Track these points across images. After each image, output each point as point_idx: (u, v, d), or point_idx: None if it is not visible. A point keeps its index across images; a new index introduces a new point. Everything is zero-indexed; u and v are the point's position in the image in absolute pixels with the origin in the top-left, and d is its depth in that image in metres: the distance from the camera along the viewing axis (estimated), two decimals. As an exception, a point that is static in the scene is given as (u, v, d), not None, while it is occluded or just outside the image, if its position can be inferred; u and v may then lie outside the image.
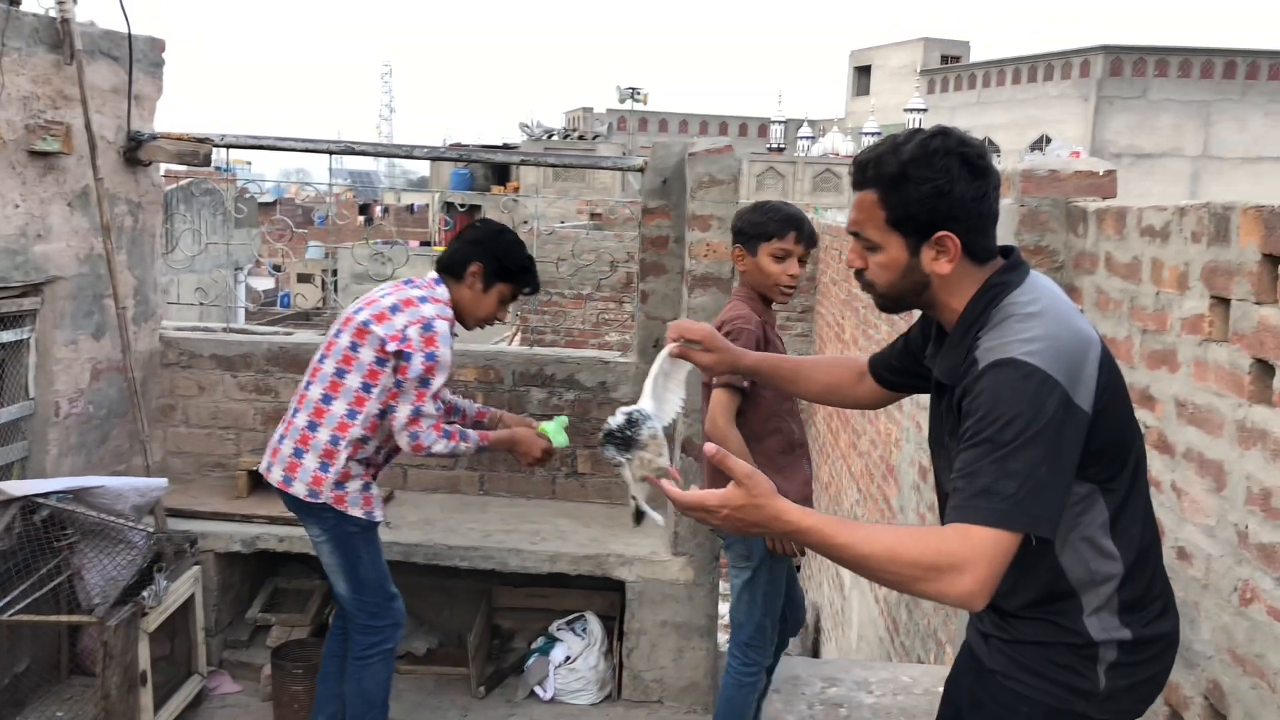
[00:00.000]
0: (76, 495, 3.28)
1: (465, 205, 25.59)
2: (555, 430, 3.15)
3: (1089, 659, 1.70)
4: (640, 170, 4.21)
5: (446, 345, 2.88)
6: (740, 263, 3.15)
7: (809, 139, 38.43)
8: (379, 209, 40.38)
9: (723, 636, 3.82)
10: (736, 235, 3.16)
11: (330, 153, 4.45)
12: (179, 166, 4.77)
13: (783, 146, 37.83)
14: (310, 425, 2.93)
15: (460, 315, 3.04)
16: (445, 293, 2.99)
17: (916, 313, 1.96)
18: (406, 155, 4.61)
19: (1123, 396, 1.72)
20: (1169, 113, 33.95)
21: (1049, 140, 31.26)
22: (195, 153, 4.10)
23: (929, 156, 1.67)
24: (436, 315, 2.89)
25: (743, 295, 3.16)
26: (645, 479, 1.88)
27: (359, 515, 2.95)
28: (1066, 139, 28.72)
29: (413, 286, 2.99)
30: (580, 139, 34.07)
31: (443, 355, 2.87)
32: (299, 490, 2.92)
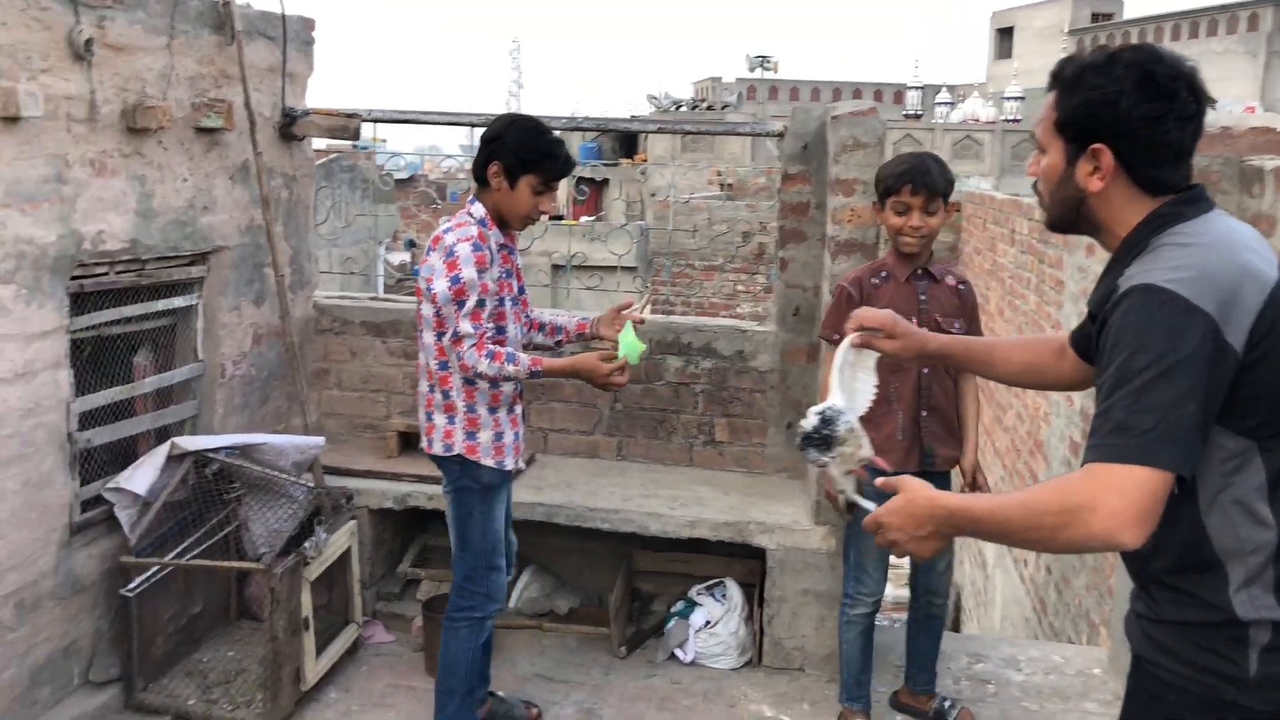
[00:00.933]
0: (243, 451, 3.48)
1: (598, 178, 25.68)
2: (627, 344, 3.00)
3: (1237, 641, 1.56)
4: (780, 135, 4.15)
5: (470, 265, 2.81)
6: (880, 220, 3.22)
7: (948, 104, 37.17)
8: (511, 183, 41.01)
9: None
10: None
11: (471, 125, 4.54)
12: (319, 144, 4.94)
13: (920, 113, 36.73)
14: (429, 388, 3.01)
15: (501, 220, 2.98)
16: (478, 209, 2.94)
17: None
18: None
19: None
20: (1346, 67, 31.51)
21: (1215, 101, 29.44)
22: (345, 127, 4.25)
23: (1109, 64, 1.63)
24: (456, 240, 2.84)
25: (888, 252, 3.28)
26: (851, 472, 1.91)
27: (490, 464, 2.98)
28: (1235, 98, 26.98)
29: (446, 221, 3.00)
30: (709, 109, 33.82)
31: (467, 276, 2.80)
32: (437, 449, 3.00)
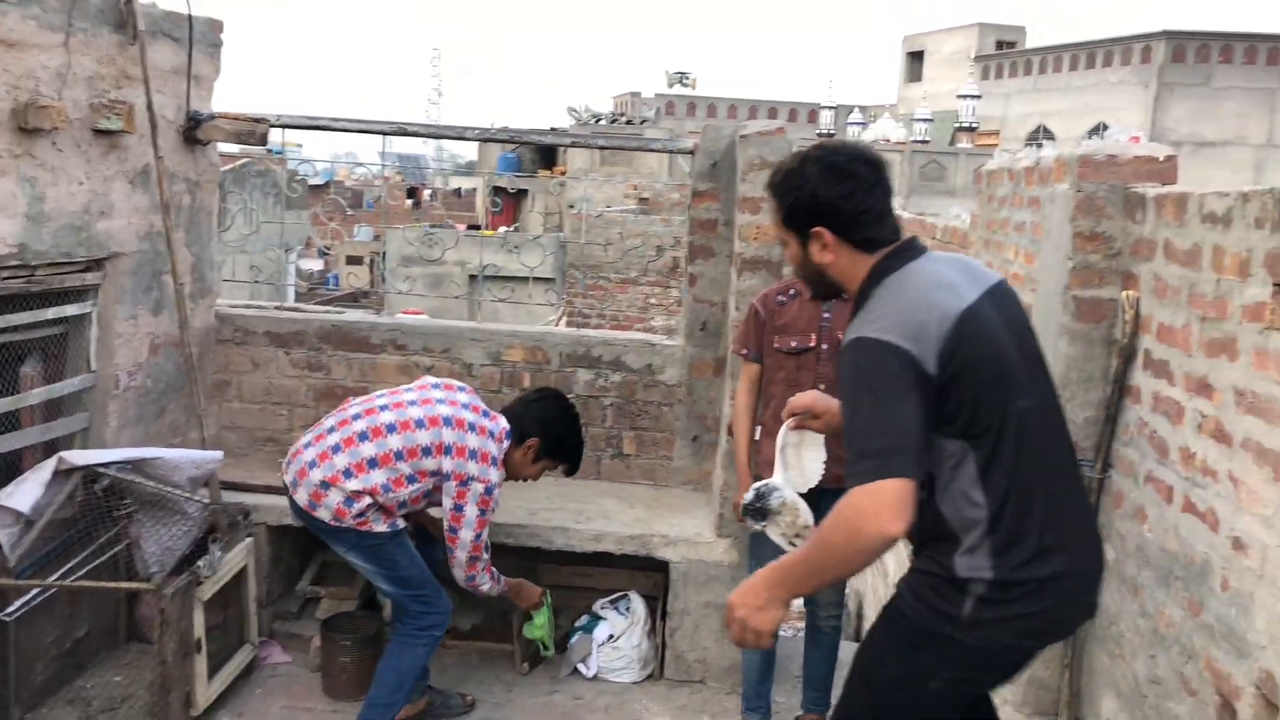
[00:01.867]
0: (135, 466, 3.37)
1: (514, 189, 25.59)
2: (539, 625, 3.63)
3: (959, 591, 1.95)
4: (690, 153, 4.21)
5: (492, 507, 3.16)
6: None
7: (860, 125, 38.03)
8: (427, 193, 40.64)
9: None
10: None
11: (384, 133, 4.50)
12: (232, 148, 4.84)
13: (833, 133, 37.47)
14: (346, 472, 3.03)
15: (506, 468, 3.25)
16: (507, 447, 3.19)
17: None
18: (458, 137, 4.64)
19: (987, 365, 1.92)
20: (1233, 100, 33.08)
21: (1106, 128, 30.63)
22: (252, 132, 4.16)
23: (801, 165, 2.04)
24: (497, 481, 3.14)
25: None
26: (796, 537, 2.26)
27: (383, 529, 3.08)
28: (1125, 127, 28.14)
29: (489, 424, 3.16)
30: (628, 123, 34.00)
31: (490, 514, 3.16)
32: (323, 515, 3.05)
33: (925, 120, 34.84)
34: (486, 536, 3.18)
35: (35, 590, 3.12)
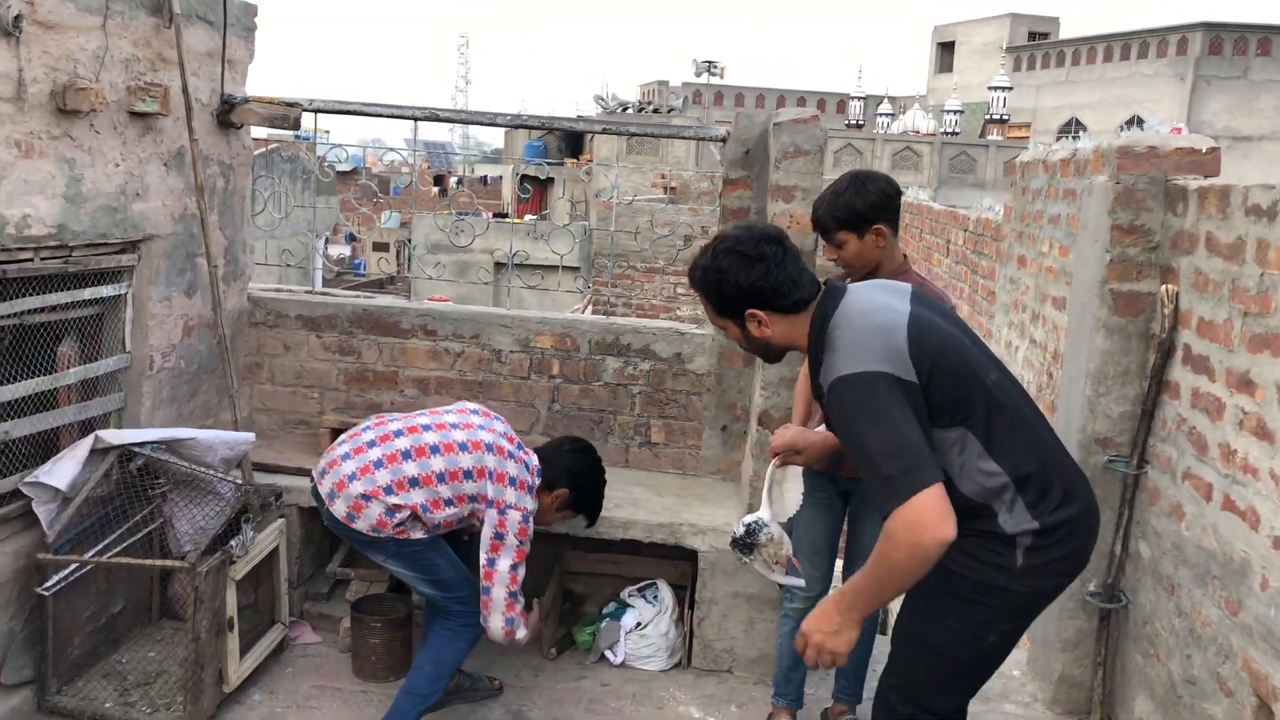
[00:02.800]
0: (169, 446, 3.40)
1: (542, 177, 25.61)
2: None
3: (1009, 545, 2.13)
4: (722, 140, 4.18)
5: (529, 538, 3.16)
6: None
7: (889, 116, 37.75)
8: (453, 180, 40.76)
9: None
10: None
11: (415, 119, 4.50)
12: (260, 133, 4.87)
13: (862, 123, 37.24)
14: (388, 489, 3.04)
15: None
16: (538, 485, 3.24)
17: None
18: (489, 123, 4.63)
19: (951, 355, 2.10)
20: (1270, 94, 32.53)
21: (1141, 121, 30.26)
22: (285, 116, 4.18)
23: (714, 259, 2.24)
24: (532, 510, 3.17)
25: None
26: (776, 564, 2.46)
27: (422, 536, 3.09)
28: (1161, 120, 27.75)
29: (525, 456, 3.21)
30: (655, 112, 33.92)
31: (528, 545, 3.15)
32: (361, 527, 3.04)
33: (956, 112, 34.55)
34: (522, 573, 3.11)
35: (73, 566, 3.16)
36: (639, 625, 3.79)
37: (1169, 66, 33.66)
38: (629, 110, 33.97)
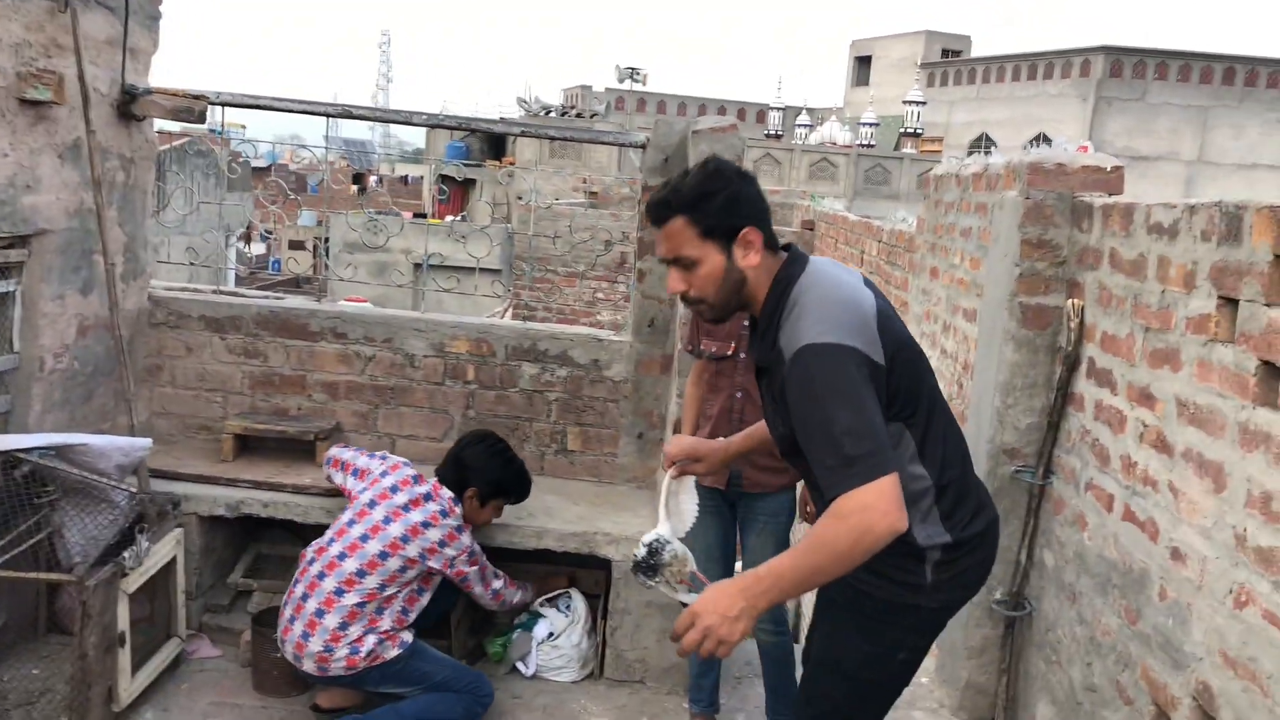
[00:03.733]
0: (59, 452, 3.23)
1: (462, 178, 25.33)
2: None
3: (919, 559, 2.06)
4: (642, 147, 4.16)
5: (476, 549, 3.39)
6: None
7: (807, 127, 38.29)
8: (373, 179, 40.11)
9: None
10: None
11: (327, 115, 4.38)
12: (173, 126, 4.70)
13: (780, 133, 37.70)
14: (341, 626, 3.10)
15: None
16: (458, 507, 3.34)
17: None
18: (405, 121, 4.54)
19: (907, 344, 2.04)
20: (1167, 116, 33.94)
21: (1046, 139, 31.22)
22: (190, 109, 4.03)
23: (715, 173, 2.02)
24: (469, 543, 3.34)
25: None
26: (680, 583, 2.29)
27: (398, 653, 3.15)
28: (1065, 138, 28.69)
29: (434, 505, 3.28)
30: (578, 116, 33.87)
31: (480, 557, 3.41)
32: (338, 672, 3.12)
33: (871, 124, 35.21)
34: (490, 572, 3.45)
35: (-52, 580, 2.98)
36: (551, 636, 3.74)
37: (1073, 87, 34.85)
38: (551, 114, 33.84)
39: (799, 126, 38.79)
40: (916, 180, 28.53)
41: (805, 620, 8.48)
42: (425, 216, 23.72)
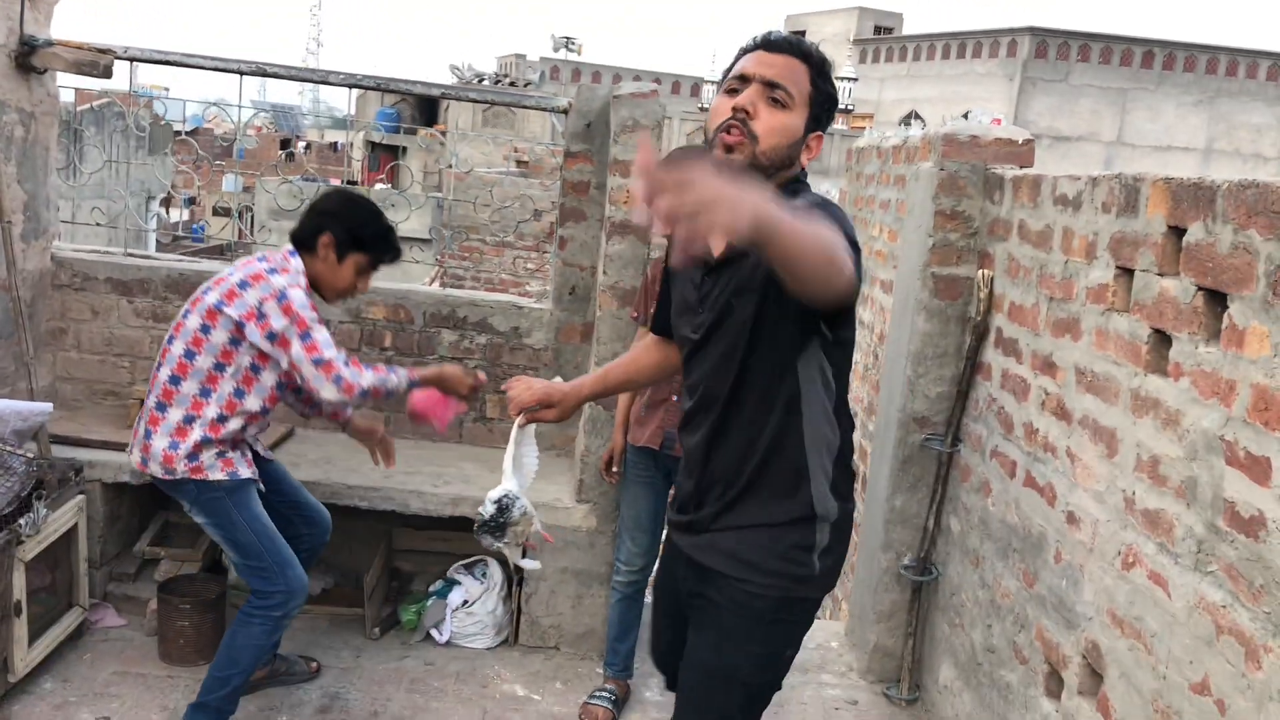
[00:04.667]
0: (-50, 416, 3.11)
1: (391, 144, 24.76)
2: None
3: (807, 549, 1.92)
4: (564, 112, 4.12)
5: (307, 308, 2.81)
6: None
7: (741, 101, 38.30)
8: (301, 144, 39.18)
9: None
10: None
11: (241, 73, 4.25)
12: (92, 85, 4.52)
13: (714, 106, 37.68)
14: (159, 406, 2.87)
15: (318, 289, 2.97)
16: (299, 264, 2.92)
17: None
18: (322, 80, 4.43)
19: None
20: (1088, 97, 34.68)
21: (970, 116, 31.70)
22: (95, 63, 3.87)
23: (830, 71, 1.91)
24: (289, 284, 2.82)
25: None
26: (526, 543, 2.18)
27: (222, 478, 2.88)
28: (990, 116, 29.15)
29: (263, 261, 2.90)
30: (511, 85, 33.42)
31: (308, 315, 2.81)
32: (155, 470, 2.87)
33: (804, 100, 35.33)
34: (330, 347, 2.81)
35: None
36: (465, 603, 3.73)
37: (1000, 67, 35.39)
38: (485, 81, 33.33)
39: (733, 100, 38.78)
40: (846, 156, 28.82)
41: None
42: (354, 184, 23.24)
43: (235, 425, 2.91)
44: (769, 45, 1.87)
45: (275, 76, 4.38)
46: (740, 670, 1.97)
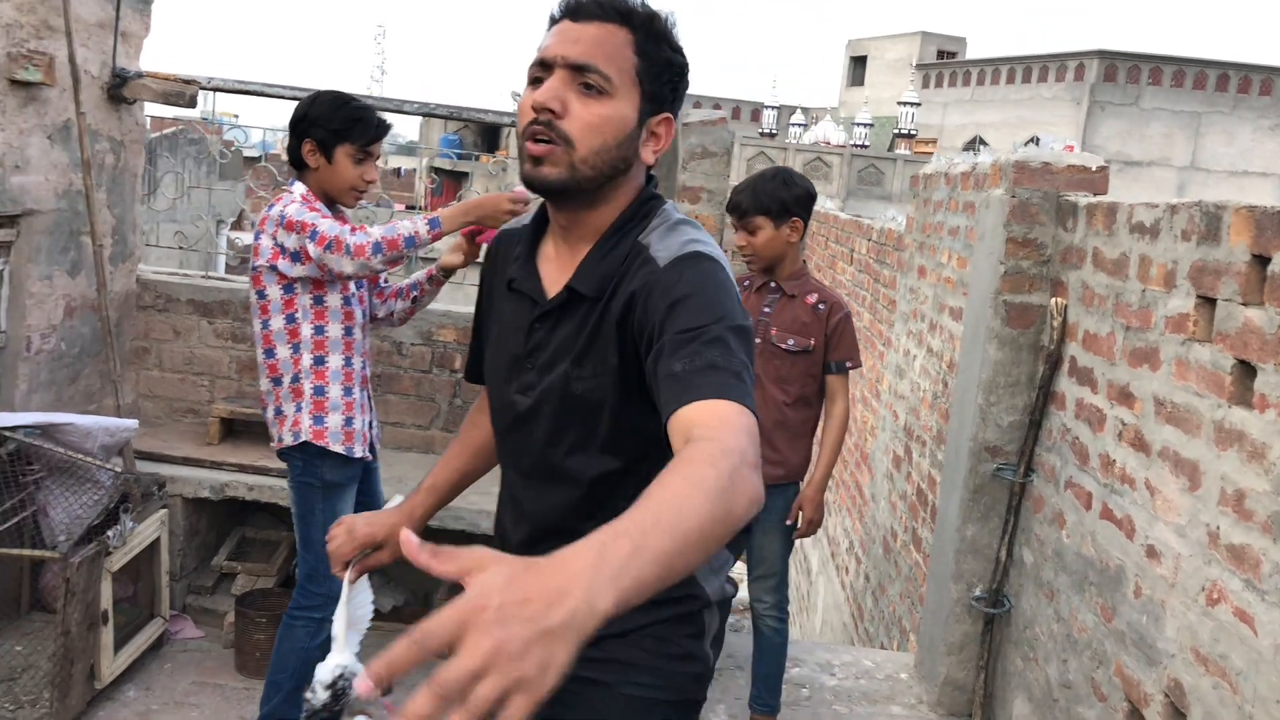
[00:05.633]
0: (45, 431, 3.23)
1: (454, 170, 25.17)
2: None
3: (697, 636, 1.53)
4: (634, 139, 4.17)
5: (305, 213, 2.73)
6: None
7: (801, 126, 38.33)
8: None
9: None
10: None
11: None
12: (166, 112, 4.70)
13: (775, 132, 37.74)
14: (273, 382, 2.87)
15: (329, 198, 2.90)
16: (300, 187, 2.87)
17: None
18: (396, 109, 4.54)
19: None
20: (1159, 121, 34.08)
21: (1039, 141, 31.33)
22: (181, 93, 4.03)
23: (670, 27, 1.45)
24: (283, 207, 2.76)
25: None
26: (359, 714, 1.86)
27: (339, 450, 2.85)
28: (1052, 137, 28.78)
29: (271, 208, 2.85)
30: (572, 111, 33.76)
31: (308, 217, 2.71)
32: (286, 439, 2.85)
33: (865, 125, 35.25)
34: (334, 229, 2.68)
35: (-70, 557, 2.98)
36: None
37: (1066, 91, 34.95)
38: (545, 107, 33.66)
39: (793, 125, 38.83)
40: (909, 181, 28.66)
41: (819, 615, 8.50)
42: (417, 209, 23.65)
43: (337, 363, 2.86)
44: (573, 11, 1.41)
45: (353, 105, 4.49)
46: None
